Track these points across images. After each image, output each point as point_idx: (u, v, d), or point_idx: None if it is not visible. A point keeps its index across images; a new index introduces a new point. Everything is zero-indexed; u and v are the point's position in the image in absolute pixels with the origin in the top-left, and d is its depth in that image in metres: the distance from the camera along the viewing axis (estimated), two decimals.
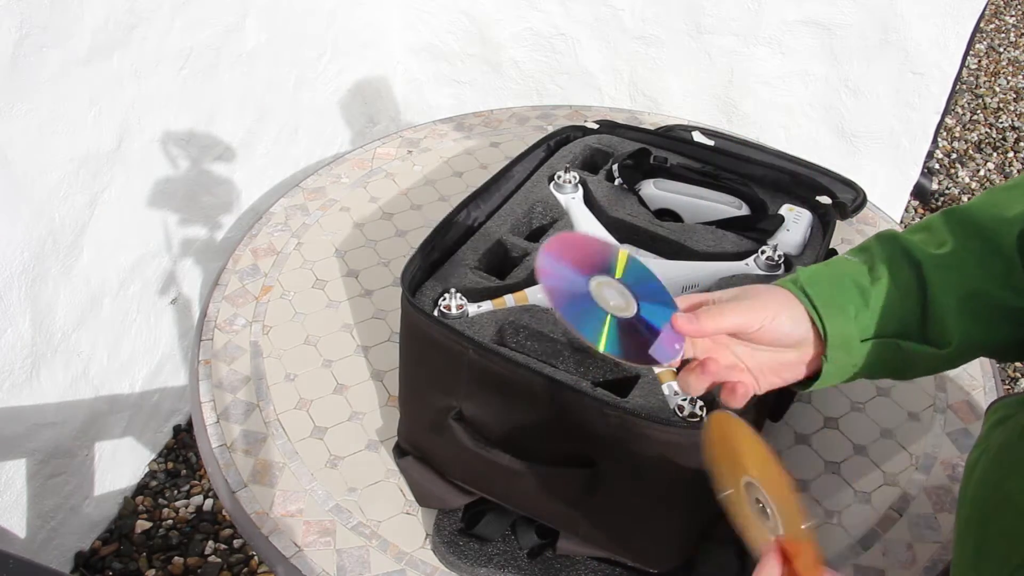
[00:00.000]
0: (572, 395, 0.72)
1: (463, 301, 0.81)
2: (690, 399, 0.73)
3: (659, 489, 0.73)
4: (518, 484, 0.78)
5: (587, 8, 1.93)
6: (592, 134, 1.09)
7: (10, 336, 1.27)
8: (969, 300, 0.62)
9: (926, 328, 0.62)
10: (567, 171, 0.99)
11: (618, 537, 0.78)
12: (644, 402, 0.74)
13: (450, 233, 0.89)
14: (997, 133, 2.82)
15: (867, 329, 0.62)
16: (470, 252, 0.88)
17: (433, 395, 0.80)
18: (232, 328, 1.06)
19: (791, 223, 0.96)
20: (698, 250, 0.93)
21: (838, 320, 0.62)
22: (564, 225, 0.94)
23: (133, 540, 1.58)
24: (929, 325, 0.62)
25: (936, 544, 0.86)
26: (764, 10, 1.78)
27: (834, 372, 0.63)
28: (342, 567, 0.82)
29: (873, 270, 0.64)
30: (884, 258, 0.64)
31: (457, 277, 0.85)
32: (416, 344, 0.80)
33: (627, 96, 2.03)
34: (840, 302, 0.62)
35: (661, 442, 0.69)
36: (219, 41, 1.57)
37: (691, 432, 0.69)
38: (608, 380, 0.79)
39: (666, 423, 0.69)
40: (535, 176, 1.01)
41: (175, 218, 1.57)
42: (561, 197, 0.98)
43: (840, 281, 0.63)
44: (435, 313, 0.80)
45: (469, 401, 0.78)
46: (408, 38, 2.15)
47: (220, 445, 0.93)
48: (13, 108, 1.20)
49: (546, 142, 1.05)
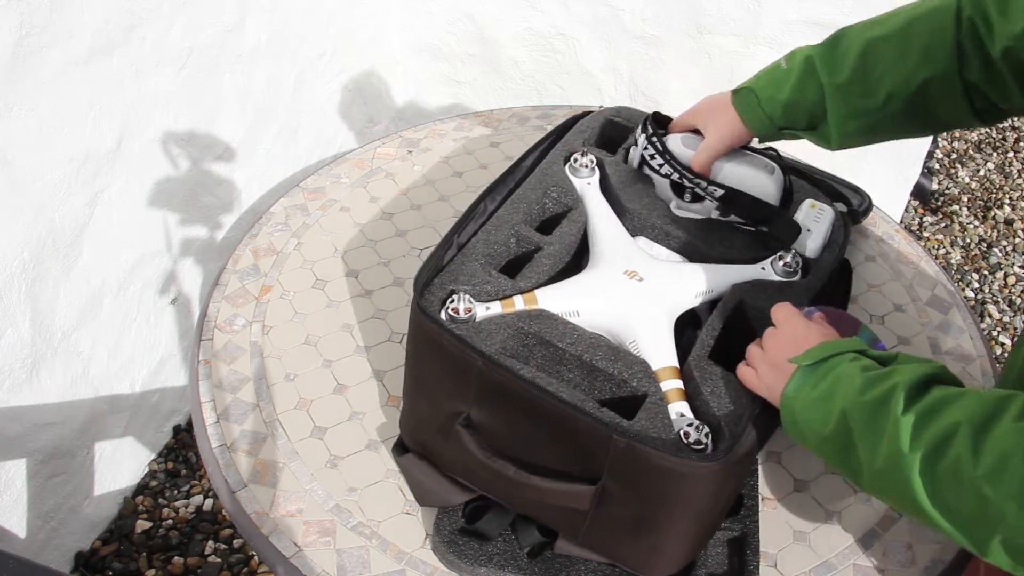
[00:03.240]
0: (578, 416, 0.71)
1: (471, 304, 0.80)
2: (696, 425, 0.72)
3: (662, 510, 0.73)
4: (522, 492, 0.77)
5: (587, 8, 1.93)
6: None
7: (10, 336, 1.27)
8: None
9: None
10: (584, 154, 0.97)
11: (618, 547, 0.78)
12: (650, 424, 0.73)
13: (465, 229, 0.88)
14: (997, 133, 2.82)
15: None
16: (481, 244, 0.87)
17: (441, 398, 0.79)
18: (232, 328, 1.06)
19: (812, 221, 0.92)
20: (712, 252, 0.91)
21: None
22: (578, 215, 0.93)
23: (133, 540, 1.58)
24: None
25: (936, 544, 0.86)
26: (764, 10, 1.78)
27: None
28: (342, 567, 0.82)
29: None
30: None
31: (467, 273, 0.84)
32: (426, 348, 0.79)
33: (627, 96, 2.03)
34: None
35: (666, 470, 0.69)
36: (219, 41, 1.57)
37: (696, 464, 0.69)
38: (615, 398, 0.78)
39: (671, 453, 0.69)
40: (551, 155, 0.98)
41: (175, 218, 1.57)
42: (577, 182, 0.96)
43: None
44: (443, 315, 0.79)
45: (478, 408, 0.77)
46: (408, 38, 2.15)
47: (220, 445, 0.93)
48: (13, 108, 1.20)
49: (561, 131, 1.03)
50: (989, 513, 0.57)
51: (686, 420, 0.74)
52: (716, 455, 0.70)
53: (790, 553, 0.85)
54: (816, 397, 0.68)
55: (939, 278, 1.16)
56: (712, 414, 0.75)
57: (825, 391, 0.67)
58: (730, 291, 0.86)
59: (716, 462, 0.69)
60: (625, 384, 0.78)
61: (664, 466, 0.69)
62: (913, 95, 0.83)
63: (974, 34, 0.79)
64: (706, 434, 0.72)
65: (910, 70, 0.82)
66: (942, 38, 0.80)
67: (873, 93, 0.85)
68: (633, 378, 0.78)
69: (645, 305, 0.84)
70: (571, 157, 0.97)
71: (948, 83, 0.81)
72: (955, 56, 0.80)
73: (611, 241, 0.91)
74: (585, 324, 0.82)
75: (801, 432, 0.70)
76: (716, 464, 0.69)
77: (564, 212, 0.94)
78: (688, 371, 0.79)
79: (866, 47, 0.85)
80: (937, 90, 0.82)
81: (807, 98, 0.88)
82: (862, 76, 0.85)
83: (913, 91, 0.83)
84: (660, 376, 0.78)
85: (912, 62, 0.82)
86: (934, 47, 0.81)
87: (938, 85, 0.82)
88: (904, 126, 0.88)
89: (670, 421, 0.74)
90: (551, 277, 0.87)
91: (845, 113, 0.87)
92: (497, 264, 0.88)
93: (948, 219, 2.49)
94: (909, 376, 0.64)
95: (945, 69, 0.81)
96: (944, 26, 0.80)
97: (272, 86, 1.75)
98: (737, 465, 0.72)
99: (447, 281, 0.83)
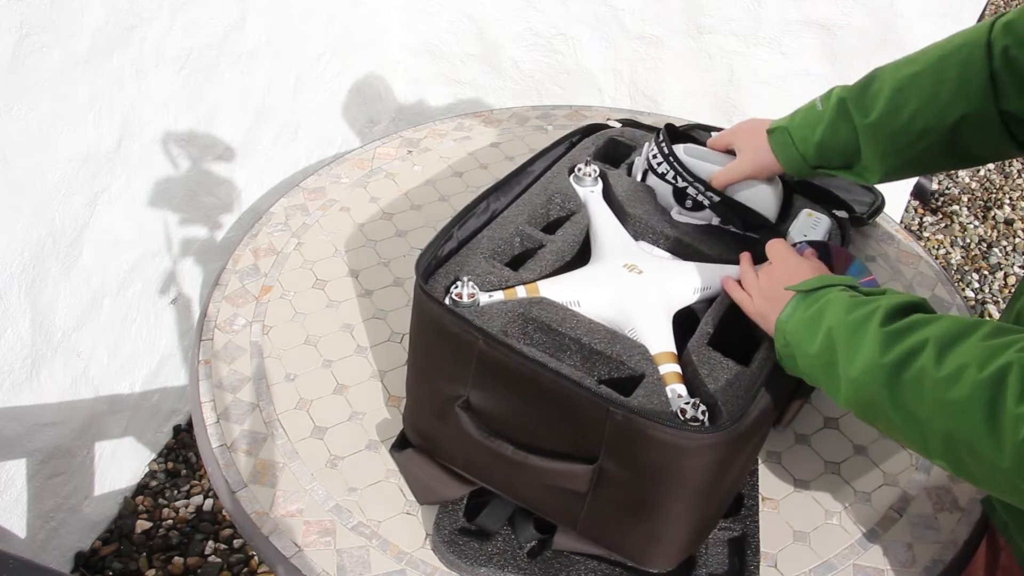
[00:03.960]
0: (576, 391, 0.72)
1: (475, 290, 0.81)
2: (693, 403, 0.73)
3: (659, 489, 0.73)
4: (520, 475, 0.78)
5: (587, 8, 1.93)
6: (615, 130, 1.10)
7: (10, 336, 1.27)
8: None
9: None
10: (588, 164, 0.99)
11: (617, 535, 0.78)
12: (647, 402, 0.74)
13: (468, 223, 0.89)
14: None
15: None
16: (486, 240, 0.89)
17: (441, 382, 0.80)
18: (232, 328, 1.06)
19: (809, 228, 0.96)
20: (713, 252, 0.93)
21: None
22: (582, 218, 0.95)
23: (133, 540, 1.58)
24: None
25: (936, 544, 0.86)
26: (764, 10, 1.78)
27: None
28: (342, 567, 0.82)
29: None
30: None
31: (471, 265, 0.85)
32: (426, 331, 0.81)
33: (627, 96, 2.03)
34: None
35: (662, 443, 0.69)
36: (219, 41, 1.57)
37: (693, 435, 0.69)
38: (613, 378, 0.79)
39: (668, 424, 0.69)
40: (555, 167, 1.01)
41: (175, 218, 1.57)
42: (580, 190, 0.98)
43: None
44: (447, 301, 0.81)
45: (476, 390, 0.78)
46: (408, 38, 2.15)
47: (220, 445, 0.93)
48: (13, 108, 1.20)
49: (569, 139, 1.05)
50: (939, 415, 0.61)
51: (683, 399, 0.75)
52: (712, 428, 0.71)
53: (790, 553, 0.85)
54: (807, 318, 0.73)
55: (939, 278, 1.16)
56: (709, 395, 0.76)
57: (815, 313, 0.72)
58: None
59: (712, 434, 0.69)
60: (623, 365, 0.79)
61: (661, 439, 0.69)
62: (948, 132, 0.82)
63: (1009, 62, 0.77)
64: (703, 411, 0.73)
65: (943, 107, 0.81)
66: (974, 72, 0.79)
67: (906, 132, 0.84)
68: (631, 360, 0.79)
69: (644, 295, 0.85)
70: (575, 167, 1.00)
71: (984, 117, 0.80)
72: (989, 88, 0.79)
73: (612, 240, 0.93)
74: (586, 313, 0.84)
75: (791, 355, 0.74)
76: (712, 437, 0.69)
77: (567, 216, 0.96)
78: (687, 357, 0.80)
79: (897, 87, 0.84)
80: (973, 125, 0.81)
81: (840, 139, 0.88)
82: (894, 116, 0.84)
83: (948, 128, 0.82)
84: (658, 360, 0.79)
85: (944, 99, 0.81)
86: (966, 82, 0.80)
87: (974, 120, 0.81)
88: (942, 161, 0.87)
89: (667, 400, 0.75)
90: (554, 271, 0.89)
91: (879, 152, 0.87)
92: (502, 259, 0.89)
93: (948, 219, 2.49)
94: (892, 301, 0.69)
95: (980, 104, 0.79)
96: (975, 59, 0.79)
97: (272, 86, 1.75)
98: (734, 444, 0.72)
99: (451, 271, 0.85)
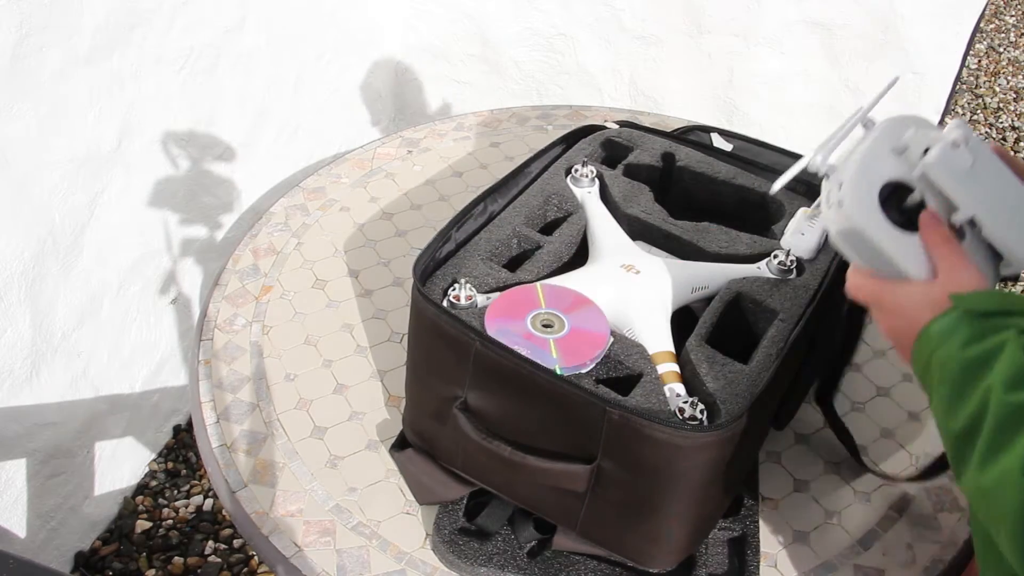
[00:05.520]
0: (573, 391, 0.72)
1: (472, 292, 0.81)
2: (691, 402, 0.73)
3: (658, 488, 0.73)
4: (519, 476, 0.78)
5: (587, 8, 1.93)
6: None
7: (10, 336, 1.27)
8: None
9: None
10: (584, 165, 0.99)
11: (616, 534, 0.78)
12: (645, 402, 0.74)
13: (465, 225, 0.90)
14: (997, 133, 2.82)
15: None
16: (483, 242, 0.89)
17: (439, 384, 0.80)
18: (232, 328, 1.06)
19: (806, 226, 0.93)
20: (710, 251, 0.93)
21: None
22: (579, 219, 0.94)
23: (133, 540, 1.58)
24: None
25: (936, 544, 0.86)
26: (764, 10, 1.78)
27: None
28: (342, 567, 0.82)
29: None
30: None
31: (468, 267, 0.86)
32: (424, 333, 0.81)
33: (627, 96, 2.03)
34: None
35: (661, 442, 0.69)
36: (219, 41, 1.57)
37: (691, 434, 0.69)
38: (611, 378, 0.79)
39: (666, 424, 0.69)
40: (552, 168, 1.01)
41: (175, 218, 1.57)
42: (577, 191, 0.98)
43: None
44: (444, 303, 0.81)
45: (474, 392, 0.78)
46: (408, 38, 2.15)
47: (220, 445, 0.93)
48: (13, 108, 1.20)
49: (566, 140, 1.05)
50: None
51: (681, 398, 0.75)
52: (711, 427, 0.71)
53: (790, 553, 0.85)
54: (967, 360, 0.54)
55: None
56: (708, 393, 0.75)
57: (980, 357, 0.53)
58: (727, 285, 0.87)
59: (711, 433, 0.69)
60: (621, 364, 0.79)
61: (658, 438, 0.69)
62: None
63: None
64: (701, 410, 0.73)
65: None
66: None
67: None
68: (629, 359, 0.79)
69: (642, 294, 0.85)
70: (572, 168, 1.00)
71: None
72: None
73: (609, 240, 0.93)
74: None
75: (925, 383, 0.58)
76: (711, 436, 0.69)
77: (565, 217, 0.96)
78: (685, 355, 0.80)
79: None
80: None
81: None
82: None
83: None
84: (656, 359, 0.79)
85: None
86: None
87: None
88: None
89: (665, 399, 0.75)
90: (551, 272, 0.89)
91: None
92: (499, 261, 0.89)
93: None
94: None
95: None
96: None
97: (272, 86, 1.75)
98: (732, 443, 0.72)
99: (449, 273, 0.85)
